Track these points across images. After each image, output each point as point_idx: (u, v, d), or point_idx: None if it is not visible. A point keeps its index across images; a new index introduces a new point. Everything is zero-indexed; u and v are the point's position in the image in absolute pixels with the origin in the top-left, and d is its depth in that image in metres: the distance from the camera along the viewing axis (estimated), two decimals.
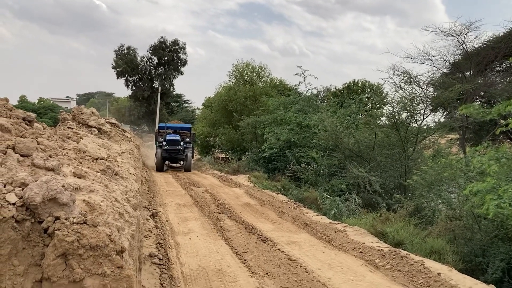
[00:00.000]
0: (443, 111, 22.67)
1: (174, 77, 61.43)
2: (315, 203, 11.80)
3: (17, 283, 1.79)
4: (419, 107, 15.16)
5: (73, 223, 1.93)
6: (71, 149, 4.22)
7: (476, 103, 22.13)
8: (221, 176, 19.44)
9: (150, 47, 58.85)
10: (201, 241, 7.80)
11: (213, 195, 13.40)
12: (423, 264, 6.11)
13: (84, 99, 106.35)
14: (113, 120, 11.25)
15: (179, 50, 60.61)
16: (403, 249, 7.14)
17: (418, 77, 20.07)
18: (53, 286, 1.84)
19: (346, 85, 33.67)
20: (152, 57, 59.62)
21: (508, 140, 21.80)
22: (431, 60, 22.81)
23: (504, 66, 22.90)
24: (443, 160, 11.48)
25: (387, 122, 14.23)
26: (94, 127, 9.80)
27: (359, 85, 33.64)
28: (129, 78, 59.06)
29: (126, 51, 58.85)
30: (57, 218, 1.94)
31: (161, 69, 60.60)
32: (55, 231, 1.89)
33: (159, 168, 22.19)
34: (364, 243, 7.47)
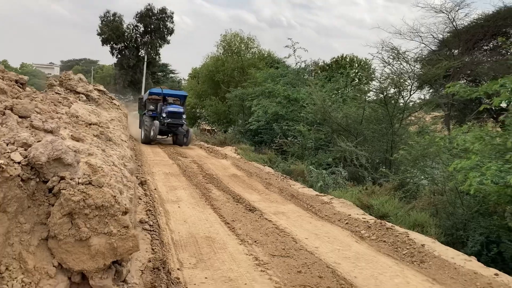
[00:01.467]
0: (429, 88, 22.90)
1: (160, 46, 60.40)
2: (301, 175, 11.94)
3: (24, 240, 1.81)
4: (407, 83, 15.25)
5: (78, 183, 1.94)
6: (64, 114, 4.18)
7: (462, 81, 22.38)
8: (207, 147, 19.44)
9: (137, 14, 57.50)
10: (190, 210, 7.87)
11: (200, 166, 13.43)
12: (408, 236, 6.28)
13: (68, 65, 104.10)
14: (101, 87, 11.11)
15: (166, 19, 59.36)
16: (388, 221, 7.31)
17: (406, 53, 20.11)
18: (59, 244, 1.86)
19: (335, 59, 33.56)
20: (139, 24, 58.32)
21: (492, 119, 22.13)
22: (420, 36, 22.90)
23: (492, 45, 23.09)
24: (427, 137, 11.67)
25: (375, 98, 14.31)
26: (82, 94, 9.66)
27: (347, 60, 33.57)
28: (114, 45, 57.85)
29: (111, 18, 57.44)
30: (62, 178, 1.94)
31: (148, 38, 59.42)
32: (61, 191, 1.90)
33: (148, 141, 19.54)
34: (350, 215, 7.62)
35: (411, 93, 15.07)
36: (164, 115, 19.35)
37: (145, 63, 54.24)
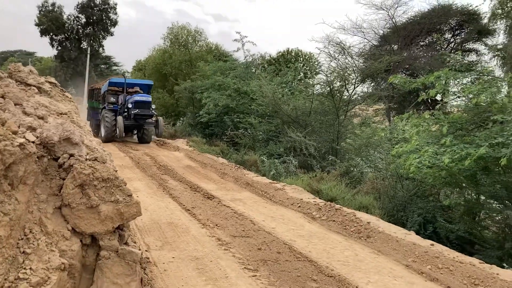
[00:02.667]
0: (371, 82, 24.05)
1: (103, 37, 58.98)
2: (254, 165, 12.40)
3: (42, 208, 2.08)
4: (351, 77, 16.10)
5: (86, 160, 2.22)
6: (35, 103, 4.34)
7: (402, 75, 23.68)
8: (158, 140, 19.46)
9: (78, 5, 55.69)
10: (149, 199, 8.09)
11: (153, 158, 13.55)
12: (355, 215, 6.90)
13: (2, 57, 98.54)
14: (52, 80, 10.95)
15: (109, 10, 57.94)
16: (336, 204, 7.91)
17: (351, 48, 21.09)
18: (72, 211, 2.14)
19: (281, 53, 34.34)
20: (80, 15, 56.54)
21: (428, 110, 23.54)
22: (363, 32, 24.00)
23: (427, 41, 24.58)
24: (370, 128, 12.53)
25: (322, 90, 15.01)
26: (34, 86, 9.55)
27: (293, 54, 34.45)
28: (54, 37, 55.82)
29: (50, 8, 55.22)
30: (72, 155, 2.21)
31: (90, 29, 57.75)
32: (72, 166, 2.17)
33: (111, 139, 17.10)
34: (302, 199, 8.16)
35: (355, 86, 15.93)
36: (130, 105, 17.03)
37: (88, 55, 52.67)
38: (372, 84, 24.27)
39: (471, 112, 8.09)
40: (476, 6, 22.39)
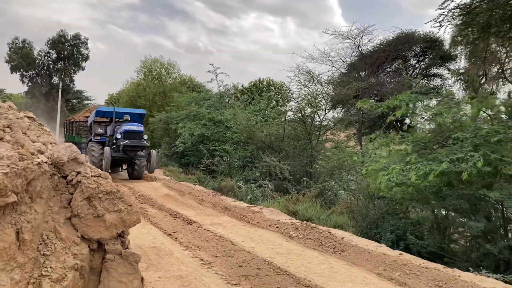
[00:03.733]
0: (341, 108, 24.86)
1: (75, 72, 58.86)
2: (232, 191, 12.72)
3: (55, 218, 2.38)
4: (322, 103, 16.80)
5: (92, 176, 2.55)
6: None
7: (371, 100, 24.59)
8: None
9: (48, 41, 55.65)
10: None
11: (131, 188, 13.70)
12: (330, 232, 7.29)
13: None
14: (31, 114, 11.14)
15: (80, 45, 58.03)
16: (312, 223, 8.29)
17: (320, 76, 21.91)
18: (81, 220, 2.45)
19: (253, 83, 35.18)
20: (51, 51, 56.45)
21: (396, 132, 24.39)
22: (331, 61, 24.89)
23: (394, 68, 25.66)
24: (342, 152, 13.12)
25: (294, 117, 15.60)
26: None
27: (264, 83, 35.34)
28: (24, 73, 55.52)
29: (21, 45, 55.11)
30: (79, 172, 2.54)
31: (61, 64, 57.62)
32: (80, 181, 2.50)
33: None
34: (279, 220, 8.52)
35: (326, 112, 16.61)
36: (119, 135, 15.25)
37: (60, 90, 52.45)
38: (343, 110, 25.05)
39: (434, 132, 8.72)
40: (437, 33, 23.54)
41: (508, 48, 16.81)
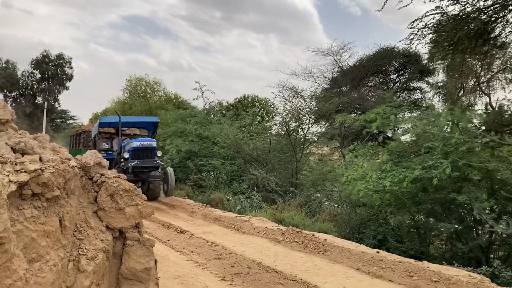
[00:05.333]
0: (325, 122, 25.64)
1: (59, 92, 58.98)
2: (221, 203, 13.23)
3: (85, 212, 2.91)
4: (305, 117, 17.55)
5: (113, 177, 3.10)
6: None
7: (353, 114, 25.40)
8: None
9: (32, 61, 55.83)
10: None
11: None
12: (314, 235, 7.88)
13: None
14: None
15: (64, 65, 58.25)
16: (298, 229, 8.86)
17: (303, 91, 22.70)
18: (106, 213, 2.98)
19: (238, 99, 35.89)
20: (35, 71, 56.57)
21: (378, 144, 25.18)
22: (313, 77, 25.66)
23: (375, 82, 26.54)
24: (326, 164, 13.80)
25: (279, 131, 16.27)
26: None
27: (249, 100, 36.07)
28: (8, 94, 55.51)
29: (4, 65, 55.25)
30: (102, 174, 3.08)
31: (45, 84, 57.71)
32: (104, 181, 3.04)
33: None
34: (266, 227, 9.08)
35: (309, 126, 17.34)
36: (126, 154, 12.82)
37: (45, 110, 52.53)
38: (326, 124, 25.79)
39: (407, 142, 9.44)
40: (415, 49, 24.49)
41: (483, 62, 17.76)
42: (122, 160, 13.11)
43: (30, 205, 2.40)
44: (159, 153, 13.67)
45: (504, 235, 8.25)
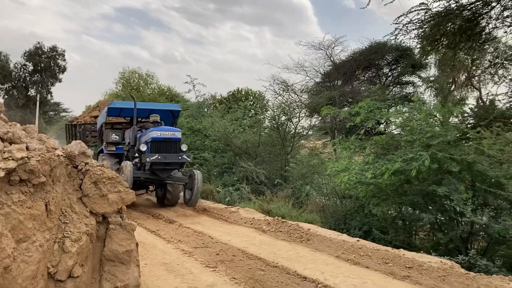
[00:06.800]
0: (317, 116, 25.89)
1: (52, 84, 58.74)
2: (211, 195, 13.47)
3: (70, 198, 3.12)
4: (295, 111, 17.79)
5: (96, 166, 3.30)
6: None
7: (345, 108, 25.62)
8: None
9: (25, 53, 55.53)
10: None
11: None
12: (298, 225, 8.13)
13: None
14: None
15: (57, 57, 57.95)
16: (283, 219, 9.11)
17: (294, 85, 22.92)
18: (90, 199, 3.19)
19: (231, 93, 36.01)
20: (27, 63, 56.28)
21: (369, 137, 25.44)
22: (305, 70, 25.87)
23: (367, 76, 26.73)
24: (313, 157, 14.06)
25: (269, 124, 16.50)
26: None
27: (243, 93, 36.21)
28: (0, 86, 55.26)
29: None
30: (87, 163, 3.28)
31: (38, 76, 57.46)
32: (88, 170, 3.25)
33: None
34: (254, 218, 9.31)
35: (300, 120, 17.58)
36: (143, 147, 10.44)
37: (38, 102, 52.39)
38: (320, 118, 26.01)
39: (389, 135, 9.70)
40: (408, 43, 24.64)
41: (473, 57, 18.01)
42: (136, 154, 10.90)
43: (17, 190, 2.61)
44: (184, 147, 10.93)
45: (484, 225, 8.52)
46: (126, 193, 3.29)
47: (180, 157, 10.54)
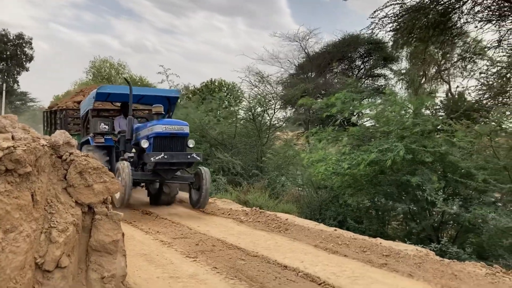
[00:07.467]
0: (291, 108, 26.05)
1: (18, 73, 57.02)
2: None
3: (55, 188, 3.07)
4: (271, 102, 17.87)
5: (82, 156, 3.26)
6: None
7: (318, 100, 25.85)
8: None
9: None
10: None
11: None
12: (276, 215, 8.23)
13: None
14: None
15: (24, 45, 56.21)
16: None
17: (269, 77, 22.99)
18: (75, 189, 3.15)
19: (204, 83, 35.79)
20: None
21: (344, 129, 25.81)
22: (280, 62, 26.00)
23: (340, 69, 27.00)
24: (289, 148, 14.19)
25: (245, 115, 16.52)
26: None
27: (216, 84, 36.05)
28: None
29: None
30: (71, 153, 3.24)
31: (3, 65, 55.66)
32: (73, 160, 3.20)
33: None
34: (231, 208, 9.36)
35: (275, 111, 17.66)
36: (145, 143, 8.90)
37: (4, 92, 50.79)
38: (293, 110, 26.16)
39: (364, 127, 9.90)
40: (380, 36, 25.03)
41: (443, 51, 18.43)
42: (133, 150, 9.68)
43: (3, 180, 2.56)
44: (191, 143, 9.50)
45: (454, 215, 8.81)
46: (112, 183, 3.27)
47: (189, 156, 9.05)
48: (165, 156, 8.68)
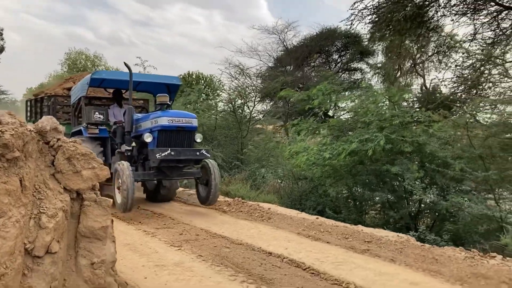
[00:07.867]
0: (269, 101, 26.09)
1: None
2: None
3: (43, 174, 3.04)
4: (251, 95, 17.89)
5: (69, 142, 3.23)
6: None
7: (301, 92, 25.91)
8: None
9: None
10: None
11: None
12: (258, 205, 8.29)
13: None
14: None
15: None
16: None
17: (248, 69, 22.96)
18: (63, 175, 3.13)
19: (181, 76, 35.51)
20: None
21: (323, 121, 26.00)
22: (258, 55, 25.96)
23: (318, 62, 27.13)
24: (269, 140, 14.27)
25: (225, 108, 16.52)
26: None
27: (194, 77, 35.82)
28: None
29: None
30: (59, 139, 3.21)
31: None
32: (61, 146, 3.17)
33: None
34: None
35: (255, 104, 17.70)
36: (148, 138, 8.04)
37: None
38: (272, 103, 26.20)
39: (342, 119, 10.05)
40: (357, 30, 25.21)
41: (419, 45, 18.69)
42: (133, 144, 8.81)
43: None
44: (198, 137, 8.62)
45: (432, 203, 9.02)
46: (101, 169, 3.26)
47: (198, 153, 8.17)
48: (172, 153, 7.79)
